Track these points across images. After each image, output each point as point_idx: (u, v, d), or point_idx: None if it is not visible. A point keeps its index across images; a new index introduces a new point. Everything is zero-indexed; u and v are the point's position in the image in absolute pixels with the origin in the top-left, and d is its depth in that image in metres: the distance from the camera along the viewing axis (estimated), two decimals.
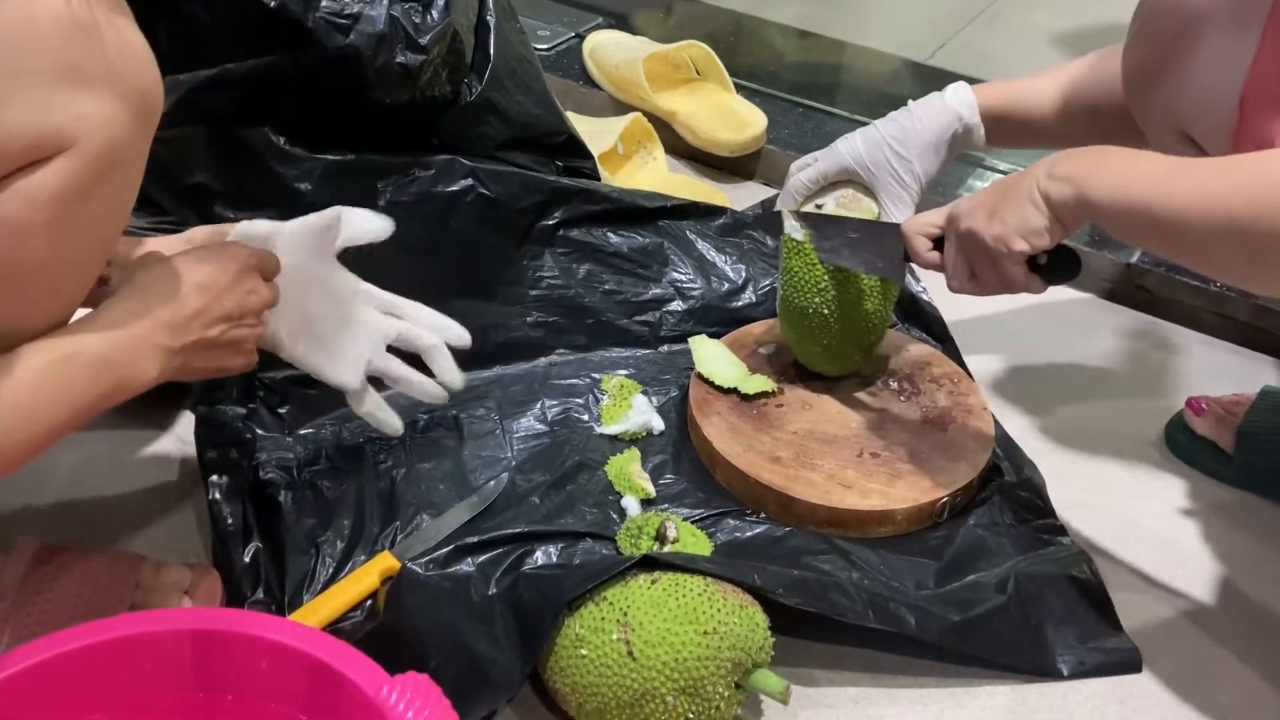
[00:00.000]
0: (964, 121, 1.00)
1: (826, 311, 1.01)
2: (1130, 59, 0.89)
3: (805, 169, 1.05)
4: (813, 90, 1.59)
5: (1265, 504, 1.06)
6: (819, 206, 1.03)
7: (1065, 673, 0.88)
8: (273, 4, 0.95)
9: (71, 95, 0.60)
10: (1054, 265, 0.85)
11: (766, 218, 1.25)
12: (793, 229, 1.01)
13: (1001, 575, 0.93)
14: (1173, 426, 1.12)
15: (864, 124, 1.49)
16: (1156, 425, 1.13)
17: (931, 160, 1.00)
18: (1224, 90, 0.79)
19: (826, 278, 1.00)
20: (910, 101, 1.02)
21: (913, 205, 1.00)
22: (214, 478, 0.94)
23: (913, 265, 0.99)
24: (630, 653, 0.76)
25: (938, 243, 0.93)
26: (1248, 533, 1.03)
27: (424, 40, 0.99)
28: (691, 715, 0.76)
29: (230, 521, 0.91)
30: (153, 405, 1.05)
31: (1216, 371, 1.21)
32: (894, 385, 1.08)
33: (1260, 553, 1.01)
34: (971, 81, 1.04)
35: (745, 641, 0.77)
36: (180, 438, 1.03)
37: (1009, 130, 1.03)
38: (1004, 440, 1.07)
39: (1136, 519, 1.04)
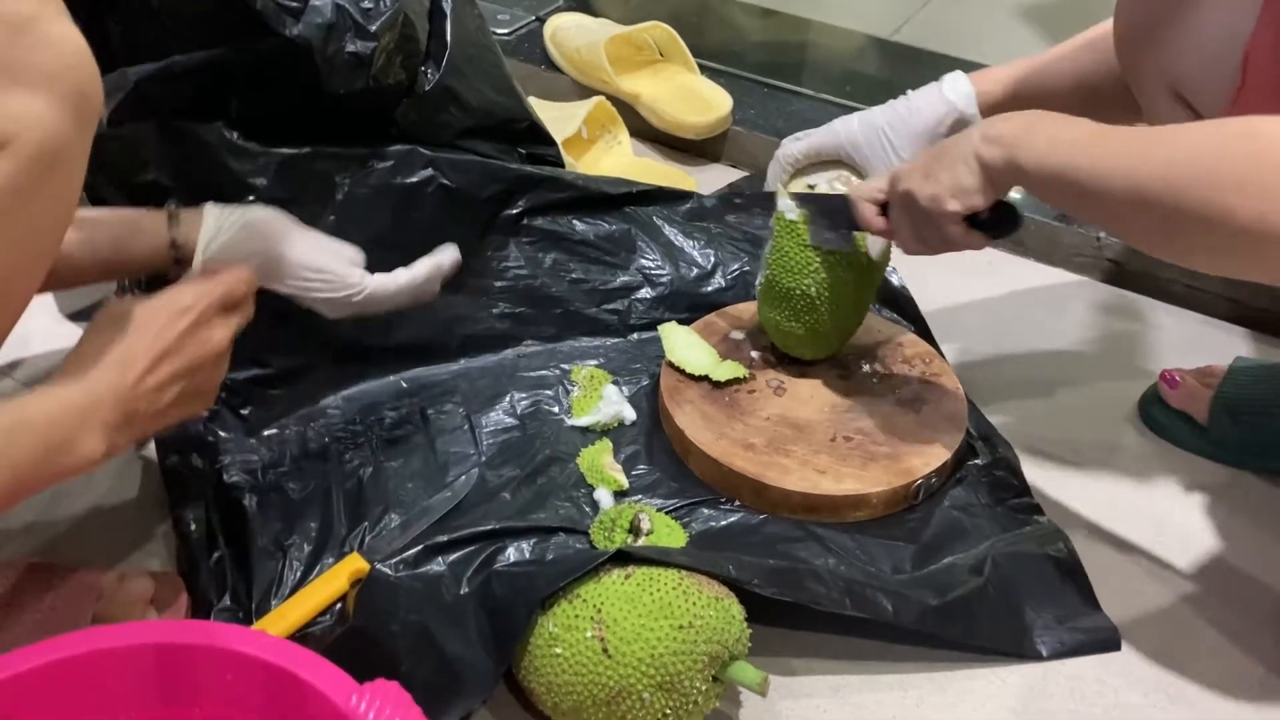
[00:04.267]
0: (960, 112, 0.99)
1: (815, 293, 1.00)
2: (1123, 16, 0.88)
3: (798, 142, 1.04)
4: (777, 69, 1.58)
5: (1240, 475, 1.05)
6: (811, 186, 1.02)
7: (1044, 654, 0.88)
8: None
9: (3, 95, 0.58)
10: (994, 221, 0.86)
11: (752, 197, 1.24)
12: (787, 208, 1.00)
13: (978, 556, 0.92)
14: (1147, 400, 1.12)
15: (829, 103, 1.51)
16: (1130, 399, 1.13)
17: (924, 149, 0.99)
18: (1225, 49, 0.78)
19: (818, 260, 0.99)
20: (909, 91, 1.02)
21: None
22: (176, 484, 0.93)
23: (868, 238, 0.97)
24: (605, 650, 0.75)
25: (885, 209, 0.92)
26: (1223, 504, 1.03)
27: (373, 27, 0.97)
28: (669, 711, 0.75)
29: (194, 528, 0.90)
30: None
31: (1189, 343, 1.21)
32: (866, 368, 1.07)
33: (1236, 524, 1.01)
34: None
35: (721, 634, 0.76)
36: (140, 443, 1.01)
37: None
38: (978, 420, 1.06)
39: (1112, 494, 1.03)
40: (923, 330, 1.14)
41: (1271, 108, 0.76)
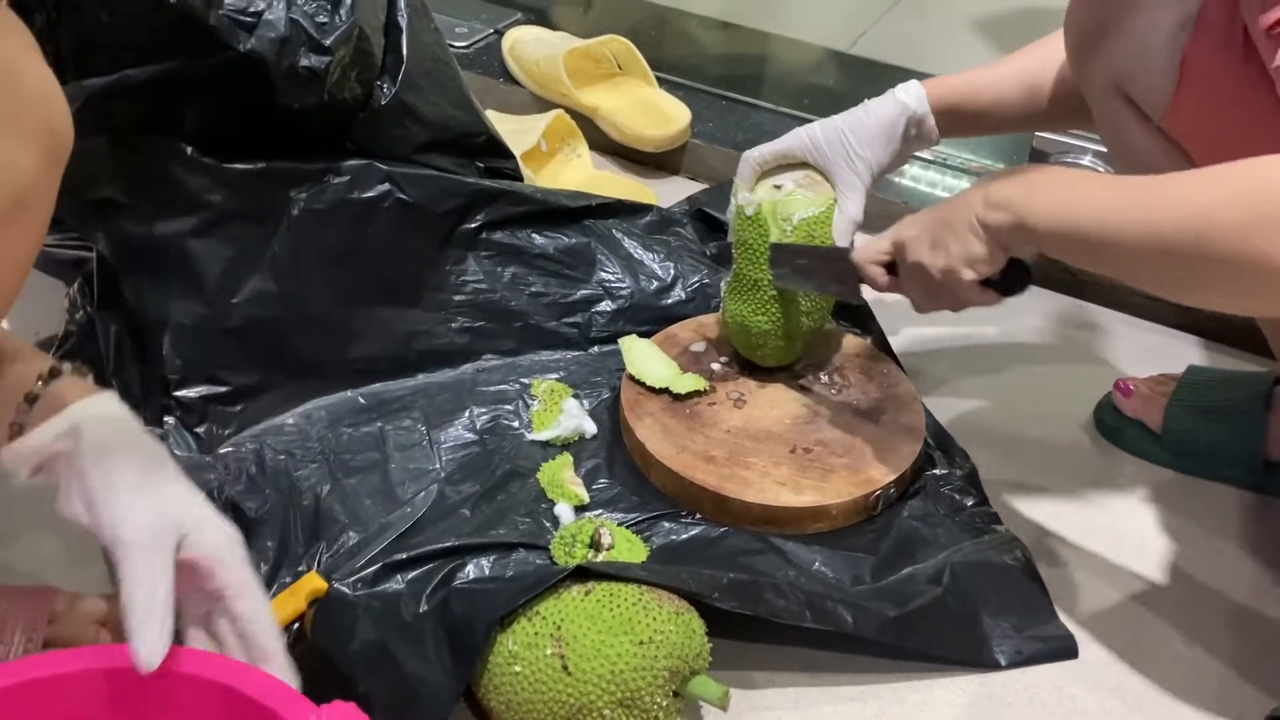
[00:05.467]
0: (912, 112, 1.01)
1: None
2: (1073, 19, 0.91)
3: (764, 146, 1.07)
4: (736, 82, 1.58)
5: (1194, 482, 1.07)
6: (778, 187, 1.04)
7: (1003, 663, 0.89)
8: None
9: None
10: (1006, 279, 0.86)
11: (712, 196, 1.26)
12: (746, 202, 1.02)
13: (937, 566, 0.93)
14: (1102, 408, 1.13)
15: (788, 115, 1.52)
16: (1086, 408, 1.14)
17: (881, 149, 1.02)
18: (1165, 51, 0.80)
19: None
20: (867, 100, 1.05)
21: (863, 191, 1.03)
22: None
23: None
24: (565, 667, 0.74)
25: (890, 266, 0.93)
26: (1178, 511, 1.04)
27: (328, 41, 0.96)
28: None
29: None
30: None
31: (1143, 352, 1.22)
32: (825, 379, 1.08)
33: (1191, 530, 1.02)
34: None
35: (682, 649, 0.76)
36: None
37: (962, 121, 1.04)
38: (935, 430, 1.06)
39: (1068, 503, 1.04)
40: (880, 341, 1.15)
41: (1205, 110, 0.79)
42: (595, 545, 0.89)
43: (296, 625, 0.84)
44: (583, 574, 0.80)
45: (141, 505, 0.64)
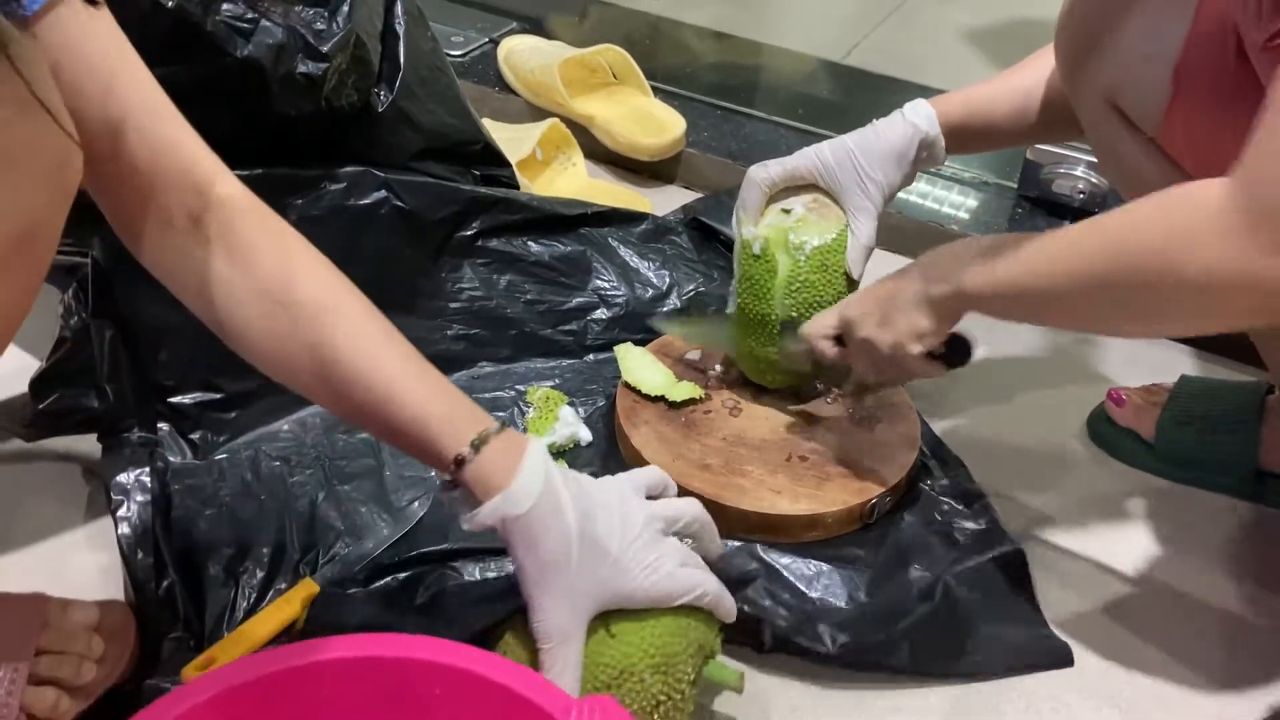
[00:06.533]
0: (922, 132, 1.01)
1: (794, 316, 1.00)
2: (1064, 32, 0.91)
3: (772, 165, 1.05)
4: (730, 92, 1.59)
5: (1187, 492, 1.07)
6: (786, 211, 1.02)
7: (999, 672, 0.89)
8: (170, 4, 0.92)
9: None
10: (950, 351, 0.90)
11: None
12: (753, 237, 1.00)
13: (932, 575, 0.93)
14: (1095, 418, 1.14)
15: (782, 125, 1.52)
16: (1079, 417, 1.15)
17: (892, 171, 1.01)
18: (1158, 64, 0.81)
19: (791, 285, 1.00)
20: (875, 120, 1.04)
21: (875, 214, 1.01)
22: (124, 509, 0.91)
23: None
24: (609, 631, 0.74)
25: (838, 338, 0.95)
26: (1172, 521, 1.04)
27: (325, 48, 0.96)
28: (662, 697, 0.75)
29: (142, 555, 0.88)
30: (56, 435, 1.01)
31: (1135, 362, 1.23)
32: (820, 387, 1.08)
33: (1184, 540, 1.02)
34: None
35: (706, 625, 0.77)
36: (87, 469, 0.99)
37: (968, 138, 1.04)
38: (930, 439, 1.07)
39: (1062, 512, 1.04)
40: None
41: (1202, 122, 0.79)
42: None
43: (294, 628, 0.84)
44: None
45: (554, 600, 0.72)
